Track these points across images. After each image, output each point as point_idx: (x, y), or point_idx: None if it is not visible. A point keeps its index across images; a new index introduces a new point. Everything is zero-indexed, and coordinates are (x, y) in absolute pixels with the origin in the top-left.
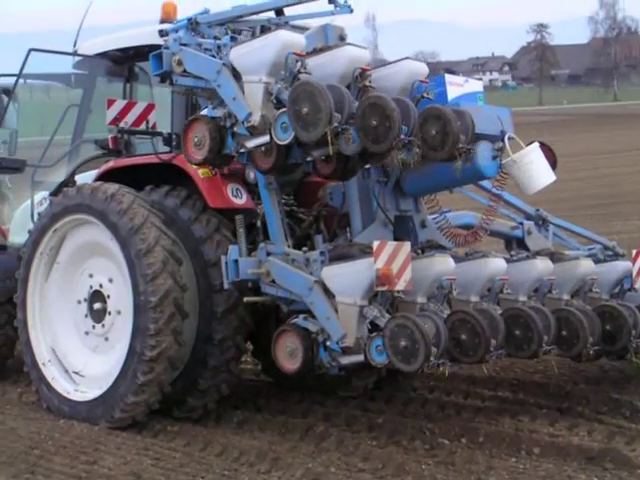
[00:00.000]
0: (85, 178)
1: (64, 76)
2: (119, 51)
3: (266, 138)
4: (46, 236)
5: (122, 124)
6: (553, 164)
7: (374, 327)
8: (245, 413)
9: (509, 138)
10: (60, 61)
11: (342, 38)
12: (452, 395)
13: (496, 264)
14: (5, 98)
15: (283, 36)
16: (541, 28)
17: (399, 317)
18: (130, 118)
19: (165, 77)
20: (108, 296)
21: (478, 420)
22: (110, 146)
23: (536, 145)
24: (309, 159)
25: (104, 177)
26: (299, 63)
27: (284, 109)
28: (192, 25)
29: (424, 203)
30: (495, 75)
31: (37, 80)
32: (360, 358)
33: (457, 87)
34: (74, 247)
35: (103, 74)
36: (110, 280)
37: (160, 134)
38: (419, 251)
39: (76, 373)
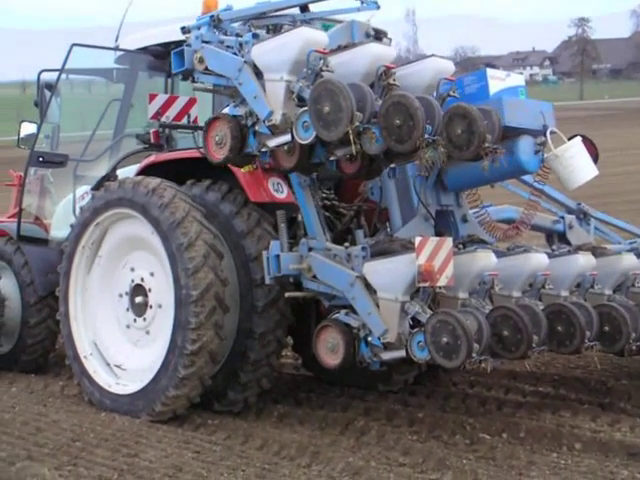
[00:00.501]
0: (127, 172)
1: (106, 71)
2: (160, 46)
3: (287, 137)
4: (88, 230)
5: (163, 118)
6: (595, 158)
7: (416, 323)
8: (285, 407)
9: (551, 132)
10: (102, 56)
11: (368, 35)
12: (493, 390)
13: (538, 259)
14: (48, 93)
15: (305, 33)
16: (582, 22)
17: (441, 313)
18: (171, 112)
19: (187, 75)
20: (149, 290)
21: (519, 415)
22: (152, 140)
23: (578, 139)
24: (332, 158)
25: (145, 171)
26: (321, 61)
27: (305, 108)
28: (214, 22)
29: (465, 197)
30: (536, 70)
31: (79, 75)
32: (401, 354)
33: (499, 81)
34: (116, 241)
35: (144, 69)
36: (151, 274)
37: (201, 128)
38: (460, 246)
39: (117, 366)
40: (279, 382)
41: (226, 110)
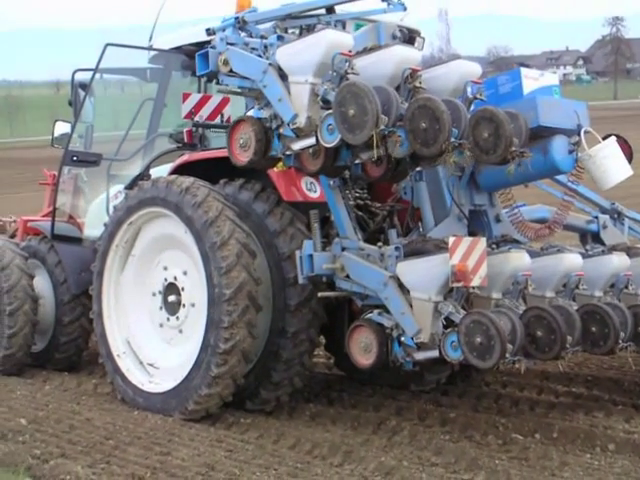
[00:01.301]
0: (160, 172)
1: (140, 70)
2: (194, 45)
3: (312, 140)
4: (121, 229)
5: (197, 118)
6: (629, 158)
7: (449, 323)
8: (318, 406)
9: (585, 132)
10: (136, 56)
11: (395, 37)
12: (525, 390)
13: (572, 259)
14: (82, 93)
15: (330, 36)
16: (617, 21)
17: (474, 313)
18: (205, 112)
19: (211, 77)
20: (182, 288)
21: (552, 416)
22: (185, 140)
23: (613, 139)
24: (357, 161)
25: (179, 170)
26: (346, 64)
27: (330, 111)
28: (239, 24)
29: (498, 197)
30: (569, 69)
31: (113, 75)
32: (435, 354)
33: (533, 81)
34: (149, 240)
35: (178, 68)
36: (184, 273)
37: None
38: (494, 246)
39: (150, 365)
40: (311, 381)
41: (251, 112)
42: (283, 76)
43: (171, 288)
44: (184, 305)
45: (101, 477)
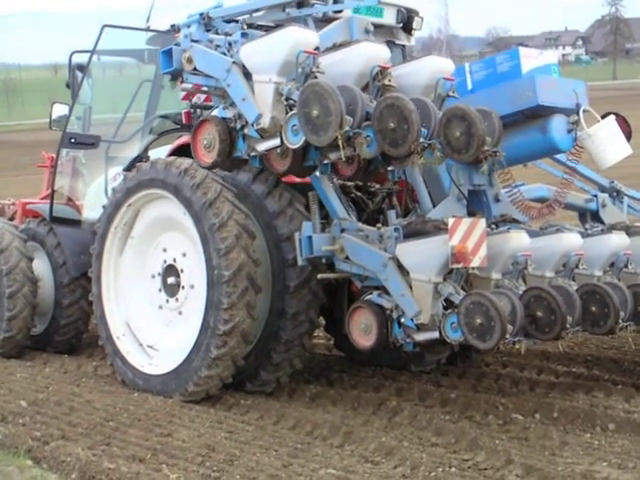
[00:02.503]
0: (158, 153)
1: (137, 52)
2: None
3: (277, 141)
4: (120, 211)
5: (195, 99)
6: (628, 136)
7: (449, 304)
8: (318, 387)
9: (584, 111)
10: (133, 38)
11: (368, 31)
12: (525, 370)
13: (572, 239)
14: (79, 75)
15: (294, 33)
16: (616, 1)
17: (474, 294)
18: (204, 93)
19: (176, 75)
20: (182, 270)
21: (552, 396)
22: (183, 121)
23: (611, 118)
24: (326, 161)
25: (177, 152)
26: (311, 62)
27: (294, 111)
28: (204, 20)
29: (498, 177)
30: (568, 49)
31: (110, 56)
32: (435, 335)
33: (531, 60)
34: (148, 222)
35: None
36: (184, 254)
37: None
38: (493, 226)
39: (150, 347)
40: (311, 362)
41: (215, 112)
42: (247, 75)
43: (170, 270)
44: (183, 287)
45: (101, 459)
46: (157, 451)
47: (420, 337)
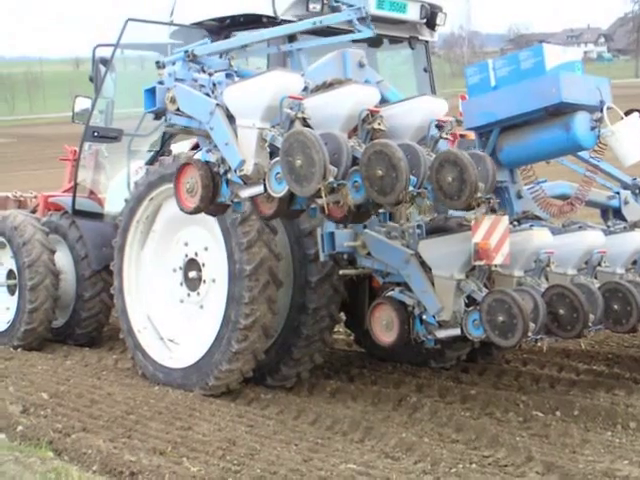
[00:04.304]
0: (181, 147)
1: (160, 46)
2: (215, 20)
3: (260, 188)
4: (142, 205)
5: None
6: None
7: (471, 301)
8: (338, 383)
9: (608, 108)
10: (156, 31)
11: (361, 65)
12: (546, 368)
13: (594, 237)
14: (103, 68)
15: (277, 78)
16: None
17: (497, 292)
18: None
19: (159, 114)
20: (203, 264)
21: (573, 393)
22: None
23: (635, 116)
24: (313, 206)
25: (199, 146)
26: (295, 107)
27: (278, 159)
28: (189, 57)
29: (520, 173)
30: (590, 47)
31: (134, 50)
32: (456, 332)
33: (555, 57)
34: (170, 216)
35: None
36: (205, 248)
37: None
38: (515, 222)
39: (171, 340)
40: (332, 358)
41: (198, 155)
42: (231, 117)
43: (192, 264)
44: (205, 281)
45: (122, 451)
46: (178, 444)
47: (442, 334)
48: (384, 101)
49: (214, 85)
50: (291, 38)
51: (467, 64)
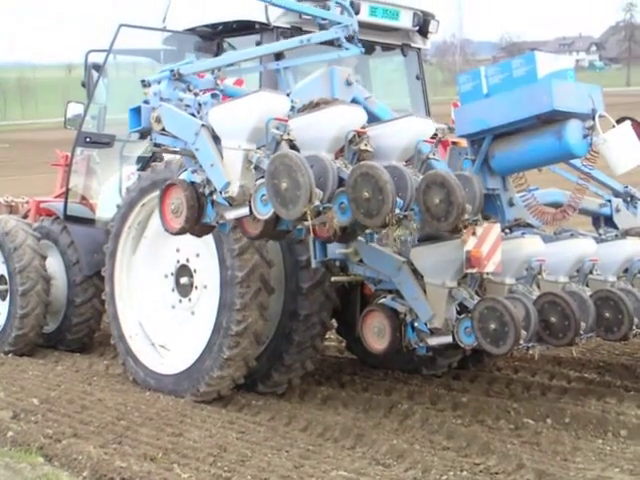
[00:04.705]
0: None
1: (153, 52)
2: (208, 27)
3: (246, 210)
4: (134, 210)
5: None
6: None
7: (463, 309)
8: (329, 389)
9: (600, 116)
10: (149, 37)
11: (349, 83)
12: (537, 375)
13: (586, 244)
14: (95, 74)
15: (263, 99)
16: (630, 7)
17: (488, 299)
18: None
19: (145, 134)
20: (195, 270)
21: (564, 401)
22: None
23: (627, 123)
24: (299, 227)
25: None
26: (281, 129)
27: (263, 181)
28: (174, 77)
29: (512, 181)
30: (582, 55)
31: (126, 56)
32: (448, 339)
33: (547, 64)
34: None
35: (192, 50)
36: (197, 255)
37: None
38: (507, 230)
39: (162, 346)
40: (323, 364)
41: (183, 175)
42: (217, 138)
43: (183, 270)
44: (196, 287)
45: (113, 457)
46: (168, 450)
47: (433, 341)
48: (373, 117)
49: (200, 105)
50: (278, 56)
51: (459, 72)
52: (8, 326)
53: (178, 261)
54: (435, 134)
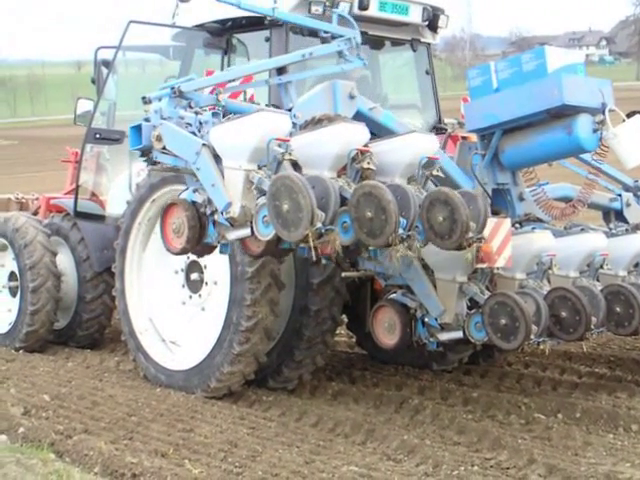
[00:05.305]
0: None
1: (162, 48)
2: (217, 23)
3: (247, 231)
4: (144, 207)
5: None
6: None
7: (473, 304)
8: (340, 385)
9: (610, 110)
10: (158, 34)
11: (352, 96)
12: (548, 370)
13: (596, 239)
14: (105, 70)
15: (264, 119)
16: None
17: (499, 294)
18: (228, 89)
19: (145, 152)
20: (205, 266)
21: (575, 396)
22: None
23: (638, 118)
24: (303, 245)
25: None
26: (282, 149)
27: (265, 201)
28: (175, 94)
29: (522, 175)
30: (592, 50)
31: (136, 52)
32: (459, 334)
33: (557, 59)
34: None
35: (201, 46)
36: None
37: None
38: (517, 225)
39: (173, 342)
40: (333, 360)
41: (184, 195)
42: (218, 157)
43: (193, 266)
44: (206, 283)
45: (124, 453)
46: (179, 446)
47: (444, 336)
48: (379, 127)
49: (200, 124)
50: (280, 71)
51: (469, 67)
52: (19, 322)
53: (188, 257)
54: (445, 129)
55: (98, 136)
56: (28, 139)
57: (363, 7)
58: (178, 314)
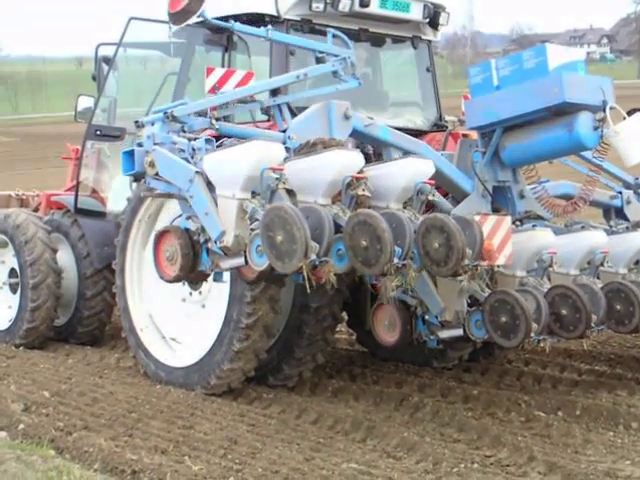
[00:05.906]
0: None
1: (163, 45)
2: (218, 19)
3: (241, 260)
4: (144, 204)
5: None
6: None
7: (473, 301)
8: (340, 382)
9: (611, 108)
10: (159, 30)
11: (347, 117)
12: (548, 368)
13: (597, 237)
14: (105, 67)
15: (257, 148)
16: None
17: (499, 292)
18: (229, 86)
19: (138, 178)
20: None
21: (575, 393)
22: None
23: (638, 115)
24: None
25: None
26: (277, 177)
27: (258, 231)
28: (168, 118)
29: (523, 173)
30: (593, 47)
31: (137, 49)
32: (459, 332)
33: (558, 57)
34: (172, 215)
35: (201, 43)
36: None
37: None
38: (517, 222)
39: (173, 339)
40: (334, 357)
41: (177, 222)
42: (212, 185)
43: None
44: (207, 280)
45: (124, 450)
46: (179, 443)
47: (444, 334)
48: (377, 141)
49: (194, 150)
50: (274, 92)
51: (470, 64)
52: (19, 319)
53: None
54: (445, 126)
55: (99, 133)
56: (29, 136)
57: (364, 4)
58: (178, 311)
